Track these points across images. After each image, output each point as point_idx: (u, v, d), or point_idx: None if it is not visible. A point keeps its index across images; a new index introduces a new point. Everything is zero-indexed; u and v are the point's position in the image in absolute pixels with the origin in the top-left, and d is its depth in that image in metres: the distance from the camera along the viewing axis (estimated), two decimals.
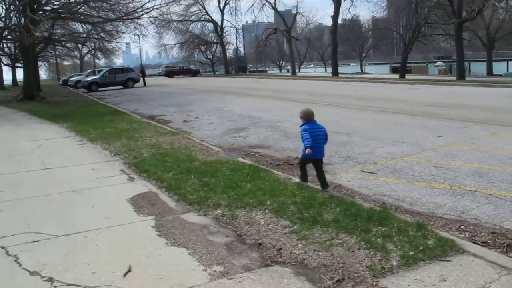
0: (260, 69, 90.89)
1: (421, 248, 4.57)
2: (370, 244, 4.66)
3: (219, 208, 5.76)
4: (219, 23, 68.07)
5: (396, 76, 48.66)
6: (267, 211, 5.66)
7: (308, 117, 6.44)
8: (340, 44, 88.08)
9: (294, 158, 9.15)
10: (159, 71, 71.01)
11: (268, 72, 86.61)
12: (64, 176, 7.82)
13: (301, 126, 6.44)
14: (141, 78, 39.90)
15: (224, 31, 69.30)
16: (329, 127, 12.78)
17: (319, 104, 18.86)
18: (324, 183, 6.53)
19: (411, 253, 4.48)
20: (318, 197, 6.12)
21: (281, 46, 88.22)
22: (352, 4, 50.44)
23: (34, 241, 4.89)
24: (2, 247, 4.73)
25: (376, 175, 7.93)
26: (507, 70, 61.21)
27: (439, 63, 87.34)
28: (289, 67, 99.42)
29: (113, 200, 6.33)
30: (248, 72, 74.65)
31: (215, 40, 71.30)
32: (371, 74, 67.21)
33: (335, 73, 50.25)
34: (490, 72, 53.55)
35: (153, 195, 6.49)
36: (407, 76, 45.99)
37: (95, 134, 12.18)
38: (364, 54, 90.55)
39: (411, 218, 5.56)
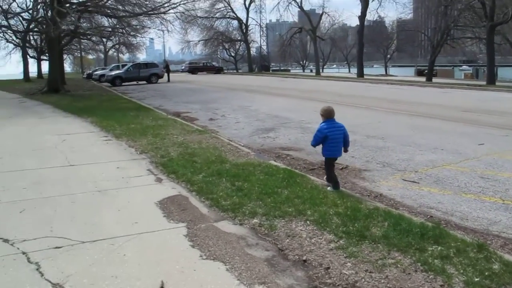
0: (283, 68, 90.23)
1: (486, 273, 4.06)
2: (428, 266, 4.17)
3: (255, 217, 5.29)
4: (244, 21, 67.64)
5: (423, 79, 47.51)
6: (308, 222, 5.18)
7: (328, 115, 6.43)
8: (365, 45, 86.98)
9: None
10: (182, 67, 70.97)
11: (291, 71, 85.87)
12: (89, 174, 7.46)
13: (321, 123, 6.40)
14: (165, 74, 39.70)
15: (248, 29, 68.82)
16: (362, 130, 12.53)
17: (348, 105, 18.30)
18: (336, 183, 6.52)
19: (476, 279, 3.98)
20: (362, 208, 5.62)
21: (304, 45, 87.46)
22: (380, 5, 49.52)
23: (57, 247, 4.50)
24: (24, 253, 4.35)
25: (419, 185, 7.39)
26: None
27: (464, 67, 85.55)
28: (312, 67, 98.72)
29: (141, 203, 5.92)
30: (271, 71, 74.07)
31: (239, 38, 70.86)
32: (396, 76, 65.97)
33: (360, 74, 49.38)
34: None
35: (183, 199, 6.07)
36: (434, 80, 44.83)
37: (120, 130, 11.85)
38: (388, 56, 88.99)
39: (468, 236, 5.02)
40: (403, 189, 7.16)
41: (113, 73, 39.10)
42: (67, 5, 25.74)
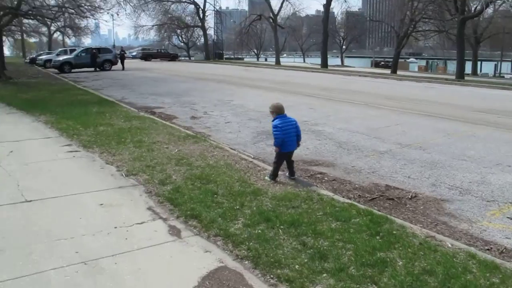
0: (237, 56, 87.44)
1: None
2: None
3: None
4: (201, 6, 64.10)
5: (386, 71, 46.71)
6: None
7: (278, 111, 6.50)
8: (318, 35, 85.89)
9: (385, 187, 6.43)
10: (133, 54, 66.47)
11: (245, 60, 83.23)
12: (59, 222, 4.72)
13: (273, 121, 6.45)
14: (120, 61, 36.00)
15: (205, 14, 65.36)
16: (387, 136, 10.19)
17: (343, 102, 16.19)
18: (292, 172, 6.66)
19: None
20: None
21: (260, 34, 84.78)
22: None
23: None
24: None
25: None
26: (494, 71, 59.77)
27: (411, 59, 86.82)
28: (268, 55, 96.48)
29: None
30: (224, 59, 71.01)
31: (195, 24, 67.23)
32: (353, 67, 65.00)
33: (324, 64, 47.71)
34: (474, 71, 52.18)
35: (236, 278, 3.52)
36: (398, 72, 43.81)
37: (87, 135, 8.99)
38: (344, 47, 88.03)
39: None
40: None
41: (61, 58, 34.91)
42: None
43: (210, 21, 73.89)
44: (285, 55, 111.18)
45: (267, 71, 36.28)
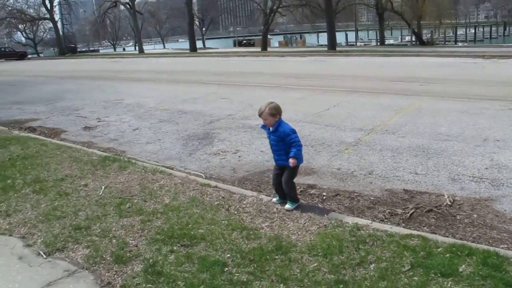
0: (92, 49, 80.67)
1: None
2: None
3: None
4: None
5: (249, 49, 46.45)
6: None
7: (280, 112, 4.54)
8: (177, 20, 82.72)
9: (405, 193, 4.89)
10: None
11: (101, 52, 77.06)
12: None
13: (277, 127, 4.48)
14: None
15: (53, 5, 58.17)
16: (336, 121, 8.83)
17: (250, 86, 14.55)
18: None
19: None
20: None
21: (115, 23, 78.85)
22: None
23: None
24: None
25: None
26: (346, 41, 63.11)
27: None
28: (124, 46, 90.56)
29: None
30: (78, 53, 64.58)
31: (39, 16, 59.58)
32: (218, 48, 63.90)
33: (193, 48, 45.52)
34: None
35: None
36: (256, 49, 43.62)
37: None
38: (204, 29, 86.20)
39: None
40: None
41: None
42: None
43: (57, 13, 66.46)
44: (133, 42, 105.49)
45: (139, 61, 32.97)
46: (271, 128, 4.46)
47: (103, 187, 5.22)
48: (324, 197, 5.10)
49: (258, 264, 3.31)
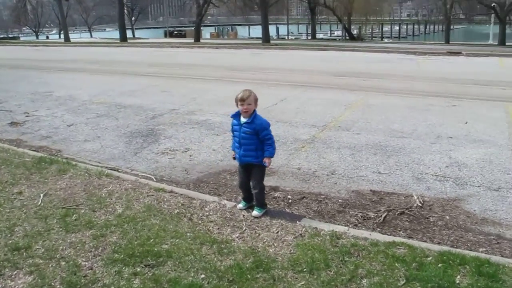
0: (11, 36, 75.31)
1: None
2: None
3: None
4: None
5: (181, 40, 45.60)
6: None
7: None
8: (104, 8, 79.17)
9: (373, 194, 4.74)
10: None
11: (22, 39, 72.18)
12: None
13: (252, 119, 3.98)
14: None
15: None
16: (288, 117, 8.50)
17: (191, 78, 13.88)
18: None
19: None
20: None
21: (37, 8, 73.95)
22: None
23: None
24: None
25: None
26: (278, 34, 63.64)
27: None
28: (48, 33, 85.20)
29: None
30: None
31: None
32: (147, 38, 62.05)
33: (124, 38, 43.70)
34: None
35: None
36: (189, 40, 42.92)
37: None
38: (134, 19, 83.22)
39: None
40: None
41: None
42: None
43: None
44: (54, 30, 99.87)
45: (67, 50, 30.96)
46: (244, 119, 4.00)
47: (41, 195, 4.54)
48: (290, 201, 4.77)
49: (239, 286, 2.90)
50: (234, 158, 4.30)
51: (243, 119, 3.99)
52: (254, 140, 4.00)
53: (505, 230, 4.11)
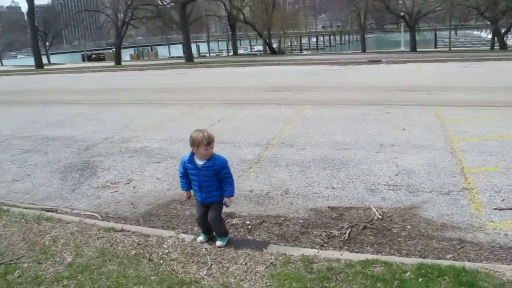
0: None
1: None
2: None
3: None
4: None
5: (101, 63, 44.39)
6: None
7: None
8: (13, 34, 74.51)
9: (332, 211, 4.75)
10: None
11: None
12: None
13: (214, 159, 3.77)
14: None
15: None
16: (229, 137, 8.25)
17: (120, 104, 13.32)
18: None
19: None
20: None
21: None
22: None
23: None
24: None
25: None
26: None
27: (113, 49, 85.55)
28: None
29: None
30: None
31: None
32: (65, 63, 59.72)
33: (39, 64, 41.53)
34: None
35: None
36: (112, 63, 41.88)
37: None
38: (48, 44, 79.53)
39: None
40: None
41: None
42: None
43: None
44: None
45: None
46: (201, 162, 3.77)
47: None
48: (249, 226, 4.58)
49: None
50: (189, 198, 4.07)
51: (199, 162, 3.75)
52: (214, 180, 3.79)
53: (464, 234, 4.19)
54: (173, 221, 4.86)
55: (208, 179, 3.75)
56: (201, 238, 4.08)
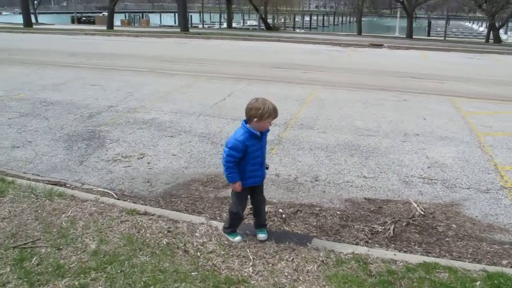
0: None
1: None
2: None
3: None
4: None
5: (90, 26, 43.10)
6: None
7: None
8: None
9: (370, 203, 4.44)
10: None
11: None
12: None
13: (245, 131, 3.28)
14: None
15: None
16: (225, 112, 7.93)
17: (122, 70, 12.74)
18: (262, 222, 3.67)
19: None
20: None
21: None
22: None
23: None
24: None
25: None
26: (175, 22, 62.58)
27: (104, 13, 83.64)
28: None
29: None
30: None
31: None
32: (53, 24, 57.85)
33: (28, 23, 40.01)
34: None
35: None
36: (99, 27, 40.66)
37: None
38: (36, 2, 76.90)
39: None
40: None
41: None
42: None
43: None
44: None
45: None
46: (257, 132, 3.35)
47: None
48: (283, 215, 4.22)
49: None
50: (242, 189, 3.38)
51: (257, 133, 3.33)
52: None
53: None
54: (198, 204, 4.49)
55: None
56: (262, 235, 3.63)
